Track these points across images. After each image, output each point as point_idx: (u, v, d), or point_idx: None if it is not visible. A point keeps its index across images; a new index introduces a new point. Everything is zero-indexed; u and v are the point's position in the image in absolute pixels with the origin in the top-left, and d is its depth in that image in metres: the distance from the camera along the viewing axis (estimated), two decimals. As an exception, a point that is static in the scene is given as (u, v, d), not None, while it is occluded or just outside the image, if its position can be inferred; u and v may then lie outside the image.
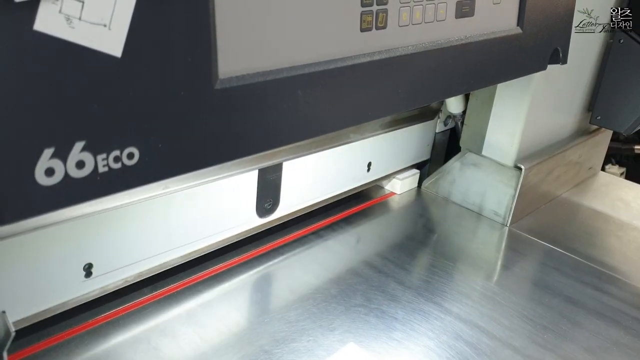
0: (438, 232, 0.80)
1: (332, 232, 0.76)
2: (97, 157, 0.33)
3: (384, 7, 0.48)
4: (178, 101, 0.35)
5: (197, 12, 0.35)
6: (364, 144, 0.81)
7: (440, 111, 0.92)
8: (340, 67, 0.45)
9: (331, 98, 0.46)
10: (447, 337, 0.59)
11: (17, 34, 0.28)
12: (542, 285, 0.70)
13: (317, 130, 0.47)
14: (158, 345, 0.55)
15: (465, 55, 0.57)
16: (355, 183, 0.83)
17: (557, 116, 0.90)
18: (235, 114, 0.39)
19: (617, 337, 0.62)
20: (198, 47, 0.36)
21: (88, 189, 0.33)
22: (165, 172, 0.36)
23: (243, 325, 0.58)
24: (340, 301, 0.63)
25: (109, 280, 0.57)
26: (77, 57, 0.31)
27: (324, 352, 0.55)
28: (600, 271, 0.75)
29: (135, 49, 0.33)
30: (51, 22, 0.29)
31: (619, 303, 0.68)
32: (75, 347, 0.53)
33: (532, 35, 0.65)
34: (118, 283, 0.59)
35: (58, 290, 0.54)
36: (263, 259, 0.69)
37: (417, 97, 0.55)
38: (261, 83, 0.40)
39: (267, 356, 0.54)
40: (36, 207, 0.31)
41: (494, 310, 0.64)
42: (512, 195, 0.82)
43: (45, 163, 0.31)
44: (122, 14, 0.32)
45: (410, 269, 0.71)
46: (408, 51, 0.51)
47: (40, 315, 0.53)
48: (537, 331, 0.62)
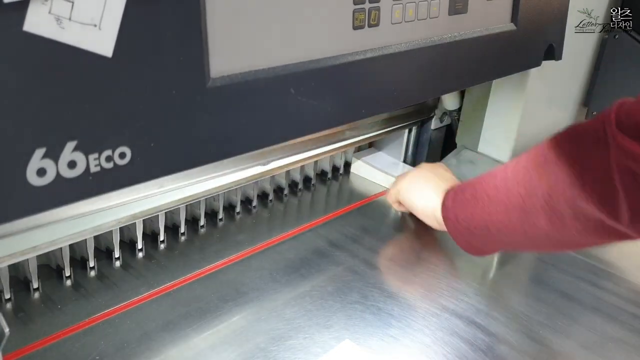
0: (435, 229, 0.80)
1: (328, 229, 0.76)
2: (89, 157, 0.33)
3: (376, 5, 0.48)
4: (170, 100, 0.36)
5: (188, 12, 0.35)
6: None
7: (436, 108, 0.92)
8: (333, 65, 0.46)
9: (324, 96, 0.46)
10: (443, 334, 0.59)
11: (7, 35, 0.28)
12: (538, 281, 0.70)
13: (311, 129, 0.47)
14: (156, 343, 0.55)
15: (459, 52, 0.57)
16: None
17: (553, 112, 0.90)
18: (227, 112, 0.39)
19: (613, 333, 0.63)
20: (189, 46, 0.36)
21: (80, 188, 0.33)
22: (157, 171, 0.36)
23: (239, 323, 0.58)
24: (336, 298, 0.63)
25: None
26: (68, 57, 0.31)
27: (320, 349, 0.56)
28: (597, 267, 0.75)
29: (126, 49, 0.33)
30: (41, 22, 0.29)
31: (615, 299, 0.69)
32: (71, 346, 0.53)
33: (526, 32, 0.65)
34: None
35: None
36: (259, 256, 0.69)
37: (412, 94, 0.55)
38: (253, 82, 0.40)
39: (263, 354, 0.54)
40: (28, 207, 0.31)
41: (490, 306, 0.64)
42: (508, 191, 0.82)
43: (37, 163, 0.31)
44: (113, 14, 0.32)
45: (407, 266, 0.72)
46: (401, 49, 0.51)
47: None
48: (533, 327, 0.62)
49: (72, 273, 0.61)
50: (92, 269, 0.63)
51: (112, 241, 0.64)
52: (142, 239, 0.67)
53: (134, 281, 0.63)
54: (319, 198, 0.85)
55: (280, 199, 0.82)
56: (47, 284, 0.61)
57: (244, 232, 0.74)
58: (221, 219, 0.75)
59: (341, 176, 0.90)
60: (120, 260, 0.66)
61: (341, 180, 0.90)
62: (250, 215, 0.77)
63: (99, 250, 0.65)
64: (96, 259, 0.64)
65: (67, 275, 0.62)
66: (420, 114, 0.90)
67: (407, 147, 0.93)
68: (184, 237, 0.71)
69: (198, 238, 0.72)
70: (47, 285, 0.61)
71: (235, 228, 0.75)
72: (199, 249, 0.70)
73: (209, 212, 0.75)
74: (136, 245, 0.67)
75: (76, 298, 0.60)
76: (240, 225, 0.76)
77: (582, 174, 0.54)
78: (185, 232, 0.72)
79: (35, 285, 0.59)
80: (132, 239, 0.67)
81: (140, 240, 0.66)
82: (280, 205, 0.81)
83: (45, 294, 0.60)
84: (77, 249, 0.62)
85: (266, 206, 0.80)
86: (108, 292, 0.61)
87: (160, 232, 0.69)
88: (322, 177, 0.88)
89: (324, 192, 0.87)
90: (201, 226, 0.73)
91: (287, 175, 0.82)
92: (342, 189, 0.88)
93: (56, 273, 0.63)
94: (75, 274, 0.62)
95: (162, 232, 0.69)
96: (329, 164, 0.88)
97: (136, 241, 0.67)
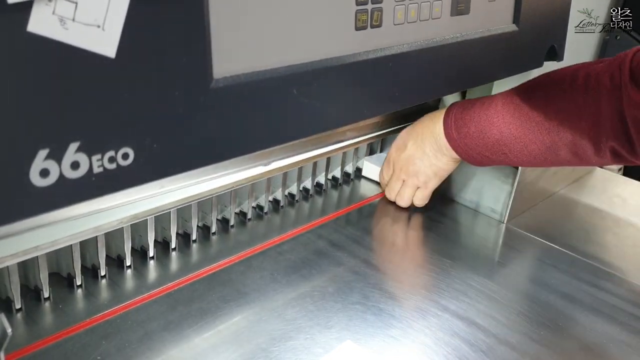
0: (435, 229, 0.80)
1: (328, 231, 0.76)
2: (92, 158, 0.33)
3: (379, 6, 0.48)
4: (173, 101, 0.36)
5: (191, 12, 0.35)
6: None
7: (438, 109, 0.92)
8: (336, 66, 0.45)
9: (327, 97, 0.46)
10: (444, 334, 0.59)
11: (11, 36, 0.28)
12: (538, 282, 0.70)
13: (313, 129, 0.47)
14: (157, 344, 0.55)
15: (461, 53, 0.57)
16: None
17: (554, 113, 0.90)
18: (230, 113, 0.39)
19: (613, 334, 0.63)
20: (193, 47, 0.36)
21: (83, 189, 0.33)
22: (160, 172, 0.36)
23: (240, 324, 0.58)
24: (337, 299, 0.63)
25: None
26: (71, 58, 0.31)
27: (321, 349, 0.56)
28: (597, 268, 0.75)
29: (129, 50, 0.33)
30: (45, 23, 0.29)
31: (616, 299, 0.69)
32: (72, 346, 0.53)
33: (528, 33, 0.65)
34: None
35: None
36: (260, 257, 0.69)
37: (413, 95, 0.55)
38: (256, 82, 0.40)
39: (265, 354, 0.54)
40: (31, 208, 0.31)
41: (491, 307, 0.64)
42: (509, 192, 0.82)
43: (40, 164, 0.31)
44: (116, 15, 0.32)
45: (408, 266, 0.72)
46: (403, 49, 0.51)
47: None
48: (533, 328, 0.62)
49: (75, 274, 0.61)
50: (93, 269, 0.63)
51: (113, 242, 0.64)
52: (144, 239, 0.67)
53: (135, 281, 0.63)
54: (320, 198, 0.85)
55: (280, 200, 0.82)
56: (49, 284, 0.61)
57: (245, 232, 0.74)
58: (219, 220, 0.75)
59: (343, 178, 0.90)
60: (122, 261, 0.66)
61: (342, 182, 0.90)
62: (250, 215, 0.77)
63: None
64: (95, 259, 0.64)
65: (67, 276, 0.62)
66: (422, 114, 0.90)
67: (408, 147, 0.93)
68: (186, 238, 0.71)
69: (198, 238, 0.71)
70: (48, 286, 0.61)
71: (235, 228, 0.75)
72: (200, 249, 0.70)
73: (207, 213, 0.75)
74: (137, 245, 0.67)
75: (77, 298, 0.60)
76: (241, 226, 0.75)
77: (600, 116, 0.60)
78: (184, 232, 0.72)
79: (39, 288, 0.59)
80: (133, 239, 0.67)
81: (150, 243, 0.66)
82: (281, 205, 0.81)
83: (47, 294, 0.60)
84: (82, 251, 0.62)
85: (266, 206, 0.80)
86: (109, 292, 0.61)
87: (158, 233, 0.69)
88: (329, 181, 0.88)
89: (324, 192, 0.87)
90: (200, 227, 0.73)
91: (286, 178, 0.82)
92: (343, 190, 0.88)
93: (57, 274, 0.63)
94: (76, 275, 0.62)
95: (160, 233, 0.69)
96: (341, 167, 0.88)
97: (138, 242, 0.67)
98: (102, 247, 0.61)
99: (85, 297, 0.60)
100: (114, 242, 0.65)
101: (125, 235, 0.63)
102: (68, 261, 0.60)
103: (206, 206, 0.72)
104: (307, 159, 0.76)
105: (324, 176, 0.86)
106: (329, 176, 0.89)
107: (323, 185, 0.86)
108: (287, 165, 0.74)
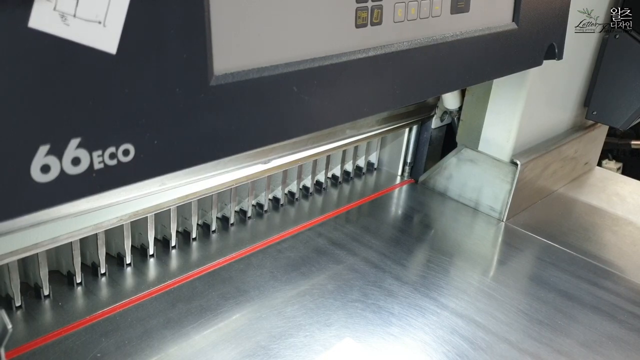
0: (434, 228, 0.80)
1: (328, 229, 0.76)
2: (93, 154, 0.33)
3: (379, 3, 0.48)
4: (173, 98, 0.35)
5: (192, 9, 0.35)
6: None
7: (437, 107, 0.92)
8: (336, 64, 0.45)
9: (327, 94, 0.46)
10: (443, 332, 0.60)
11: (12, 31, 0.28)
12: (537, 280, 0.71)
13: (313, 127, 0.47)
14: (157, 341, 0.55)
15: (461, 51, 0.57)
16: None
17: (553, 111, 0.90)
18: (231, 110, 0.39)
19: (612, 331, 0.63)
20: (193, 43, 0.36)
21: (84, 185, 0.33)
22: (161, 168, 0.36)
23: (240, 321, 0.58)
24: (337, 296, 0.63)
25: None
26: (72, 54, 0.31)
27: (321, 347, 0.56)
28: (596, 266, 0.75)
29: (130, 46, 0.33)
30: (46, 19, 0.29)
31: (615, 297, 0.69)
32: (72, 343, 0.53)
33: (528, 31, 0.65)
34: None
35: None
36: (260, 254, 0.69)
37: (413, 93, 0.55)
38: (256, 79, 0.40)
39: (264, 351, 0.54)
40: (32, 204, 0.31)
41: (490, 305, 0.64)
42: (508, 190, 0.82)
43: (41, 160, 0.31)
44: (117, 11, 0.32)
45: (407, 264, 0.72)
46: (403, 47, 0.51)
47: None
48: (532, 325, 0.62)
49: (74, 272, 0.61)
50: (93, 266, 0.63)
51: (113, 239, 0.64)
52: (144, 237, 0.67)
53: (135, 279, 0.63)
54: (320, 196, 0.85)
55: (280, 198, 0.82)
56: (48, 281, 0.61)
57: (245, 230, 0.74)
58: (219, 217, 0.75)
59: (343, 177, 0.90)
60: (122, 258, 0.66)
61: (342, 180, 0.90)
62: (250, 213, 0.77)
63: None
64: (95, 256, 0.64)
65: (67, 273, 0.62)
66: (421, 113, 0.90)
67: (408, 146, 0.93)
68: (186, 236, 0.71)
69: (198, 236, 0.72)
70: (48, 283, 0.61)
71: (235, 226, 0.75)
72: (200, 247, 0.70)
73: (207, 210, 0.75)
74: (137, 243, 0.67)
75: (77, 296, 0.60)
76: (241, 224, 0.76)
77: None
78: (184, 230, 0.72)
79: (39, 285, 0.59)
80: (133, 237, 0.67)
81: (150, 241, 0.66)
82: (280, 203, 0.81)
83: (47, 291, 0.60)
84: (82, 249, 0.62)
85: (266, 204, 0.80)
86: (109, 290, 0.61)
87: (158, 231, 0.69)
88: (329, 179, 0.88)
89: (324, 190, 0.87)
90: (200, 224, 0.73)
91: (288, 176, 0.82)
92: (343, 188, 0.89)
93: (57, 271, 0.63)
94: (76, 272, 0.62)
95: (160, 231, 0.69)
96: (341, 165, 0.88)
97: (138, 240, 0.67)
98: (102, 245, 0.61)
99: (85, 294, 0.60)
100: (114, 240, 0.65)
101: (125, 232, 0.63)
102: (68, 259, 0.60)
103: (206, 204, 0.72)
104: (307, 157, 0.76)
105: (324, 174, 0.86)
106: (329, 174, 0.89)
107: (323, 183, 0.86)
108: (287, 163, 0.74)
